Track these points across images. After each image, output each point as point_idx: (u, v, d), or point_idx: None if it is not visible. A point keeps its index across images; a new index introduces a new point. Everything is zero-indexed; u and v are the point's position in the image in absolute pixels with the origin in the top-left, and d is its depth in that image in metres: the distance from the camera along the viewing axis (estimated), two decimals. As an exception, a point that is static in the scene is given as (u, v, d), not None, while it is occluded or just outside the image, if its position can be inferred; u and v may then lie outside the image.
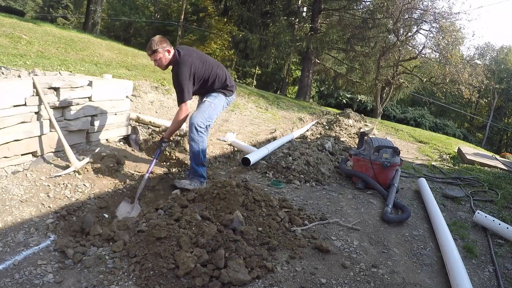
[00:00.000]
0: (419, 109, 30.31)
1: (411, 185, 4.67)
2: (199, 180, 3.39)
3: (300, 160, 4.47)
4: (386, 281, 2.35)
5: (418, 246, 2.92)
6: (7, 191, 2.65)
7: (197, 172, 3.40)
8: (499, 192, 4.58)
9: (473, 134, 33.98)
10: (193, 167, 3.39)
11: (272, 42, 16.10)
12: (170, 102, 6.45)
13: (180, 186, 3.24)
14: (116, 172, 3.49)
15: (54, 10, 38.50)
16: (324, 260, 2.47)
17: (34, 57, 5.62)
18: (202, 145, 3.34)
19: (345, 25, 16.46)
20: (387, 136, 8.84)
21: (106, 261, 2.10)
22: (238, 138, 5.63)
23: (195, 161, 3.37)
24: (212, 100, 3.39)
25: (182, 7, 25.95)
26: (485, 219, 3.43)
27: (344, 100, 29.33)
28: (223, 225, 2.49)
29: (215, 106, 3.42)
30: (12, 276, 1.90)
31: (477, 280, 2.58)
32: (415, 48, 17.97)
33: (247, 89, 12.79)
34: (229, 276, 2.04)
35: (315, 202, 3.49)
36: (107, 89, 3.79)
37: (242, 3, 16.16)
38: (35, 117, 3.07)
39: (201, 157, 3.37)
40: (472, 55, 30.89)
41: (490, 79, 19.67)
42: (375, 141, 4.20)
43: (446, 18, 15.88)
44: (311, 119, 9.71)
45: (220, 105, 3.47)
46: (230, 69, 27.69)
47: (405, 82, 18.86)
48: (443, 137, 12.57)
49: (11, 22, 8.61)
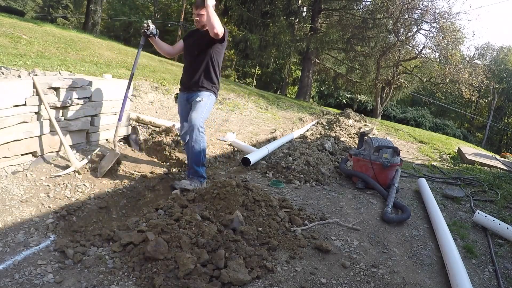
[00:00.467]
0: (419, 109, 30.30)
1: (411, 185, 4.67)
2: (199, 180, 3.40)
3: (300, 160, 4.47)
4: (386, 281, 2.35)
5: (418, 246, 2.92)
6: (7, 191, 2.65)
7: (197, 172, 3.40)
8: (499, 192, 4.58)
9: (473, 134, 33.98)
10: (194, 167, 3.39)
11: (272, 42, 16.11)
12: (170, 102, 6.45)
13: (180, 186, 3.24)
14: (116, 172, 3.49)
15: (54, 10, 38.49)
16: (324, 260, 2.47)
17: (34, 57, 5.62)
18: (203, 144, 3.36)
19: (345, 25, 16.46)
20: (387, 136, 8.84)
21: (106, 261, 2.10)
22: (238, 138, 5.63)
23: (196, 162, 3.38)
24: (207, 100, 3.42)
25: (182, 7, 25.96)
26: (485, 219, 3.43)
27: (344, 100, 29.34)
28: (223, 225, 2.49)
29: (209, 106, 3.46)
30: (12, 276, 1.90)
31: (477, 280, 2.58)
32: (415, 48, 17.98)
33: (247, 89, 12.78)
34: (229, 276, 2.04)
35: (315, 202, 3.49)
36: (107, 89, 3.79)
37: (242, 3, 16.16)
38: (35, 117, 3.07)
39: (201, 157, 3.38)
40: (472, 55, 30.98)
41: (490, 79, 19.65)
42: (375, 141, 4.20)
43: (446, 18, 15.89)
44: (311, 119, 9.71)
45: (212, 105, 3.52)
46: (230, 69, 27.70)
47: (405, 82, 18.86)
48: (443, 137, 12.57)
49: (11, 22, 8.60)
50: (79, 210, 2.76)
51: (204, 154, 3.40)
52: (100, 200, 3.00)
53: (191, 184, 3.29)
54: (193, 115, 3.31)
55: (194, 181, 3.35)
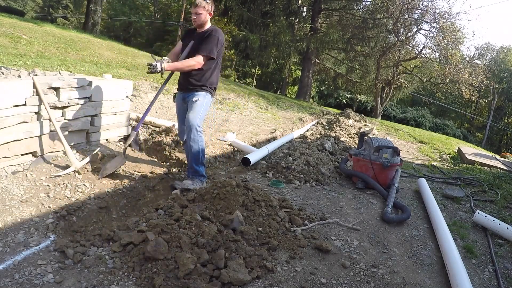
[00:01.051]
0: (419, 109, 30.30)
1: (411, 185, 4.67)
2: (200, 179, 3.41)
3: (300, 160, 4.47)
4: (386, 281, 2.35)
5: (418, 246, 2.92)
6: (7, 191, 2.65)
7: (198, 172, 3.41)
8: (499, 192, 4.58)
9: (473, 134, 33.98)
10: (194, 167, 3.40)
11: (272, 42, 16.10)
12: (170, 102, 6.45)
13: (183, 187, 3.25)
14: (116, 172, 3.49)
15: (54, 10, 38.50)
16: (324, 260, 2.47)
17: (34, 57, 5.62)
18: (201, 144, 3.38)
19: (345, 25, 16.46)
20: (387, 136, 8.84)
21: (106, 261, 2.10)
22: (238, 138, 5.63)
23: (196, 161, 3.39)
24: (202, 100, 3.42)
25: (182, 7, 25.94)
26: (485, 219, 3.43)
27: (344, 100, 29.33)
28: (223, 225, 2.49)
29: (206, 106, 3.47)
30: (12, 276, 1.90)
31: (477, 280, 2.58)
32: (415, 48, 17.96)
33: (247, 89, 12.78)
34: (229, 276, 2.04)
35: (315, 202, 3.49)
36: (107, 89, 3.79)
37: (242, 3, 16.16)
38: (35, 117, 3.07)
39: (201, 157, 3.39)
40: (472, 55, 30.95)
41: (490, 79, 19.65)
42: (375, 141, 4.20)
43: (446, 18, 15.88)
44: (311, 119, 9.71)
45: (209, 105, 3.53)
46: (230, 69, 27.68)
47: (405, 82, 18.86)
48: (443, 137, 12.57)
49: (11, 22, 8.60)
50: (79, 210, 2.76)
51: (203, 154, 3.42)
52: (100, 200, 3.00)
53: (193, 184, 3.30)
54: (190, 116, 3.33)
55: (195, 181, 3.36)
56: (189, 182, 3.32)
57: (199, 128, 3.33)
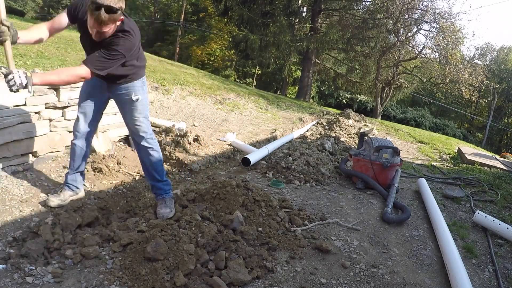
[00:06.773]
0: (419, 109, 30.30)
1: (411, 185, 4.67)
2: (170, 196, 2.82)
3: (300, 160, 4.47)
4: (386, 281, 2.35)
5: (418, 246, 2.92)
6: (7, 191, 2.65)
7: (166, 184, 2.84)
8: (499, 192, 4.58)
9: (473, 134, 33.97)
10: (158, 181, 2.78)
11: (272, 42, 16.09)
12: (170, 102, 6.45)
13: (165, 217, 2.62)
14: (116, 172, 3.49)
15: (54, 10, 38.46)
16: (324, 260, 2.47)
17: (34, 57, 5.61)
18: (158, 148, 2.83)
19: (345, 25, 16.45)
20: (387, 136, 8.84)
21: (106, 261, 2.10)
22: (238, 138, 5.63)
23: (159, 172, 2.79)
24: (143, 96, 2.79)
25: (182, 7, 25.95)
26: (485, 219, 3.43)
27: (344, 100, 29.32)
28: (223, 225, 2.49)
29: (147, 101, 2.89)
30: (12, 276, 1.90)
31: (477, 280, 2.58)
32: (415, 48, 17.98)
33: (247, 89, 12.78)
34: (230, 277, 2.04)
35: (315, 202, 3.49)
36: (107, 89, 3.78)
37: (242, 3, 16.16)
38: (35, 117, 3.07)
39: (162, 164, 2.86)
40: (472, 55, 30.97)
41: (490, 79, 19.68)
42: (375, 141, 4.20)
43: (446, 18, 15.89)
44: (311, 119, 9.71)
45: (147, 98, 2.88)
46: (230, 69, 27.64)
47: (405, 82, 18.86)
48: (443, 137, 12.57)
49: (11, 22, 8.59)
50: (79, 210, 2.76)
51: (162, 160, 2.88)
52: (100, 200, 2.99)
53: (171, 211, 2.69)
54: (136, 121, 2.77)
55: (170, 203, 2.76)
56: (167, 211, 2.67)
57: (150, 134, 2.78)
